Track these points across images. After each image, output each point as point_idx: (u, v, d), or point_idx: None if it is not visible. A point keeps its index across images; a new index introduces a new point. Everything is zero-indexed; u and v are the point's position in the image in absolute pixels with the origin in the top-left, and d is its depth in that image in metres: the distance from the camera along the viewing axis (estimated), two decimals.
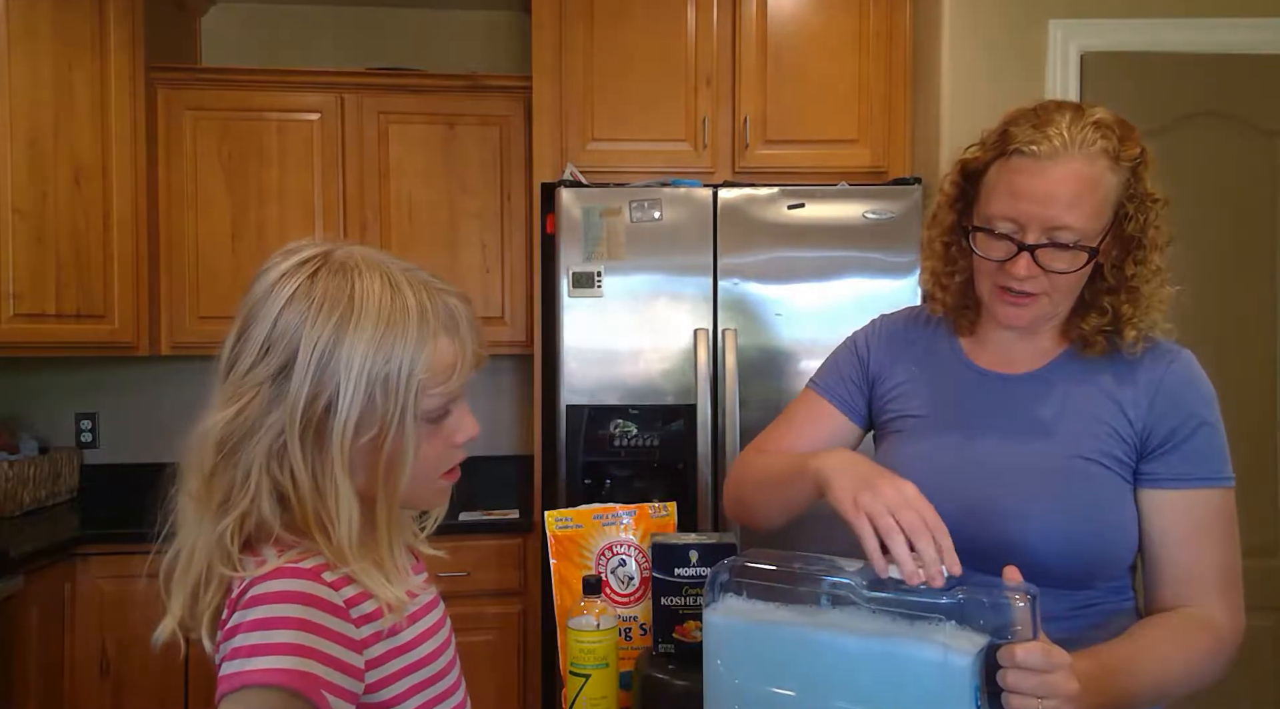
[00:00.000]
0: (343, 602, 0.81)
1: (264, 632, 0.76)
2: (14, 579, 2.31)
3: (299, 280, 0.84)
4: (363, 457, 0.84)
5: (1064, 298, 1.14)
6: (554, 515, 1.42)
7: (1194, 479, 1.12)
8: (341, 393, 0.81)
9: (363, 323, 0.82)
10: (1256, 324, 2.66)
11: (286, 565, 0.80)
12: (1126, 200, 1.10)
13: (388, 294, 0.83)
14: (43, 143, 2.66)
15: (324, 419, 0.82)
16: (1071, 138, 1.06)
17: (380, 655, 0.84)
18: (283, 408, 0.82)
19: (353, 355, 0.81)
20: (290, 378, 0.82)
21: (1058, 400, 1.17)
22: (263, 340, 0.83)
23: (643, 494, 2.56)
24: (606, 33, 2.85)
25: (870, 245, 2.60)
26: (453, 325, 0.86)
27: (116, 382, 3.22)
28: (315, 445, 0.82)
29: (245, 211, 3.00)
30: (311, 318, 0.82)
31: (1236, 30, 2.64)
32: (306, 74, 3.03)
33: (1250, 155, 2.66)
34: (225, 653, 0.77)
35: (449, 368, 0.86)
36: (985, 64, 2.63)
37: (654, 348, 2.59)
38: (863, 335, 1.36)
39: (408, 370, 0.82)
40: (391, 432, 0.83)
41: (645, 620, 1.40)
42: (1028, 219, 1.07)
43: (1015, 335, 1.21)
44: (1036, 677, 0.88)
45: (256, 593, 0.78)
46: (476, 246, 3.08)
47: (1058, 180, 1.06)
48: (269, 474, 0.83)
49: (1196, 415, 1.13)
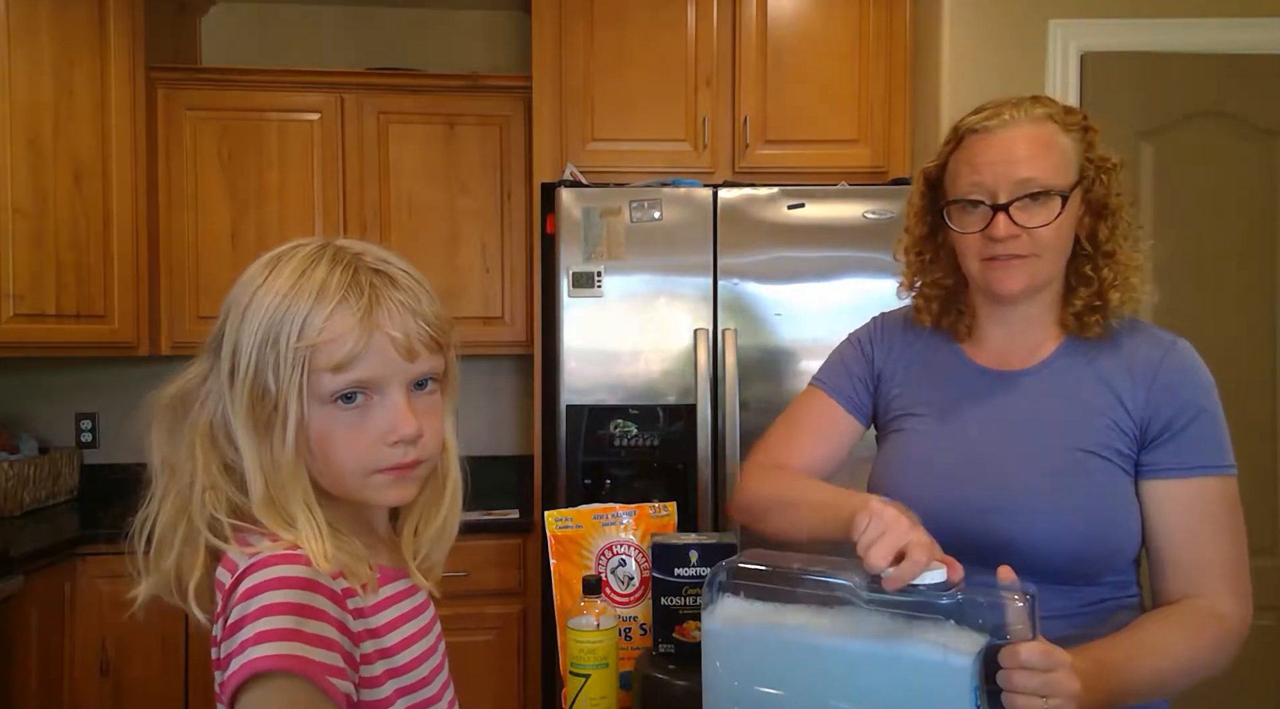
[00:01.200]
0: (340, 591, 0.81)
1: (264, 619, 0.75)
2: (14, 579, 2.31)
3: (268, 257, 0.86)
4: (280, 436, 0.83)
5: (1051, 256, 1.14)
6: (554, 515, 1.42)
7: (1194, 468, 1.12)
8: (240, 351, 0.83)
9: (270, 286, 0.83)
10: (1256, 324, 2.66)
11: (279, 554, 0.79)
12: (1086, 162, 1.14)
13: (310, 266, 0.83)
14: (43, 143, 2.66)
15: (234, 387, 0.83)
16: (1017, 111, 1.13)
17: (369, 654, 0.83)
18: (217, 377, 0.85)
19: (255, 315, 0.82)
20: (215, 349, 0.85)
21: (1056, 394, 1.17)
22: (220, 310, 0.86)
23: (643, 494, 2.56)
24: (606, 33, 2.85)
25: (870, 245, 2.59)
26: (363, 305, 0.82)
27: (116, 382, 3.22)
28: (233, 411, 0.83)
29: (245, 211, 3.00)
30: (238, 288, 0.85)
31: (1236, 30, 2.64)
32: (306, 74, 3.03)
33: (1250, 155, 2.66)
34: (233, 647, 0.76)
35: (342, 345, 0.81)
36: (985, 64, 2.63)
37: (654, 348, 2.59)
38: (866, 333, 1.37)
39: (294, 337, 0.81)
40: (285, 403, 0.81)
41: (645, 620, 1.40)
42: (994, 180, 1.12)
43: (1011, 329, 1.22)
44: (1039, 676, 0.88)
45: (253, 583, 0.77)
46: (476, 246, 3.08)
47: (1011, 140, 1.12)
48: (216, 443, 0.84)
49: (1194, 403, 1.13)
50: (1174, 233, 2.58)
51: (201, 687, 2.68)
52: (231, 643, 0.76)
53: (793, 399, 1.41)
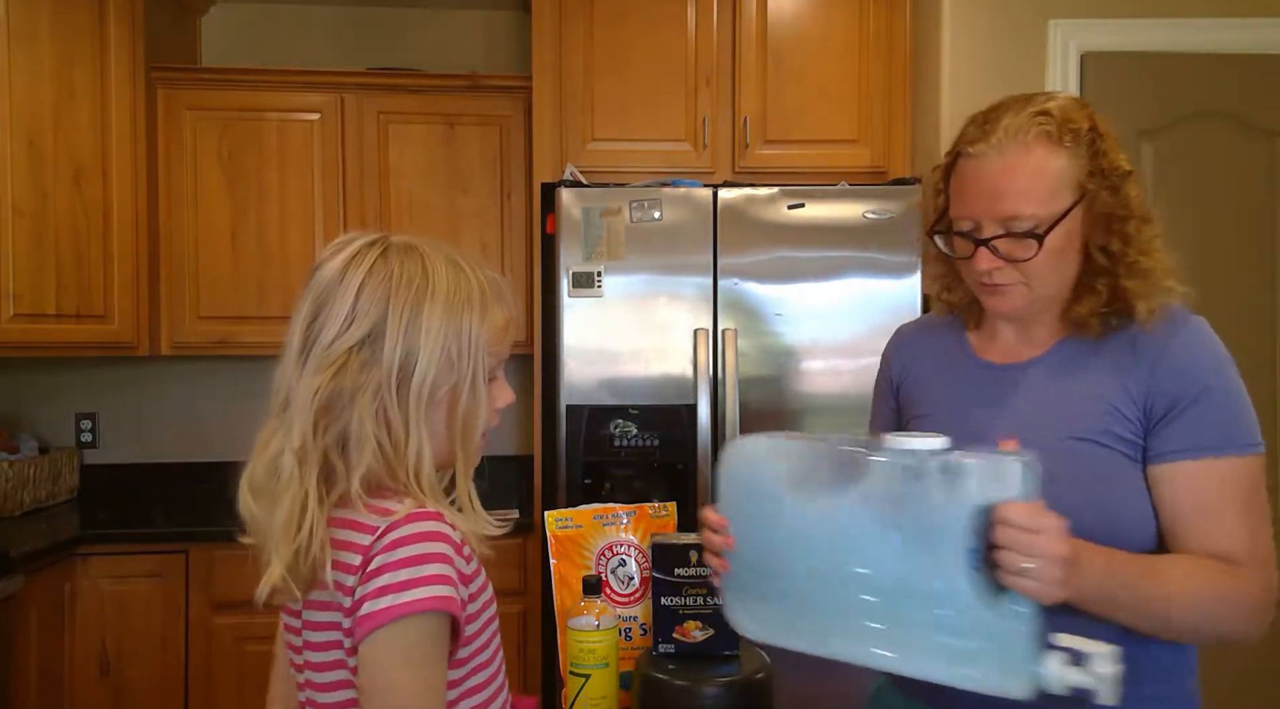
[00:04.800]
0: (459, 539, 0.95)
1: (414, 567, 0.89)
2: (14, 579, 2.31)
3: (371, 259, 0.97)
4: (440, 415, 0.98)
5: (1043, 283, 1.13)
6: (554, 515, 1.42)
7: (1203, 449, 1.07)
8: (422, 353, 0.95)
9: (437, 294, 0.97)
10: (1256, 324, 2.66)
11: (419, 511, 0.92)
12: (1087, 179, 1.10)
13: (453, 271, 0.99)
14: (43, 143, 2.66)
15: (409, 376, 0.95)
16: (1008, 133, 1.10)
17: (475, 591, 0.98)
18: (379, 368, 0.94)
19: (431, 321, 0.96)
20: (377, 342, 0.95)
21: (1054, 384, 1.16)
22: (346, 313, 0.95)
23: (642, 494, 2.56)
24: (606, 32, 2.85)
25: (870, 245, 2.59)
26: (501, 295, 1.03)
27: (116, 381, 3.22)
28: (403, 399, 0.95)
29: (245, 211, 3.00)
30: (395, 290, 0.95)
31: (1236, 30, 2.64)
32: (306, 74, 3.03)
33: (1250, 155, 2.66)
34: (369, 591, 0.89)
35: (503, 330, 1.03)
36: (985, 64, 2.63)
37: (654, 348, 2.59)
38: (886, 351, 1.40)
39: (475, 333, 0.98)
40: (465, 389, 0.98)
41: (645, 620, 1.40)
42: (980, 215, 1.11)
43: (1014, 326, 1.22)
44: (1025, 535, 0.89)
45: (399, 536, 0.90)
46: (476, 246, 3.07)
47: (998, 174, 1.09)
48: (373, 430, 0.94)
49: (1200, 381, 1.09)
50: (1174, 233, 2.58)
51: (201, 687, 2.68)
52: (369, 585, 0.89)
53: (792, 399, 1.43)
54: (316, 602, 0.96)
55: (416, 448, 0.95)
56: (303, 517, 0.92)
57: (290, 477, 0.92)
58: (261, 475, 0.96)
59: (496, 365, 1.03)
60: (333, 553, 0.92)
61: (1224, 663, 1.59)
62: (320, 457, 0.94)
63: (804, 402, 2.58)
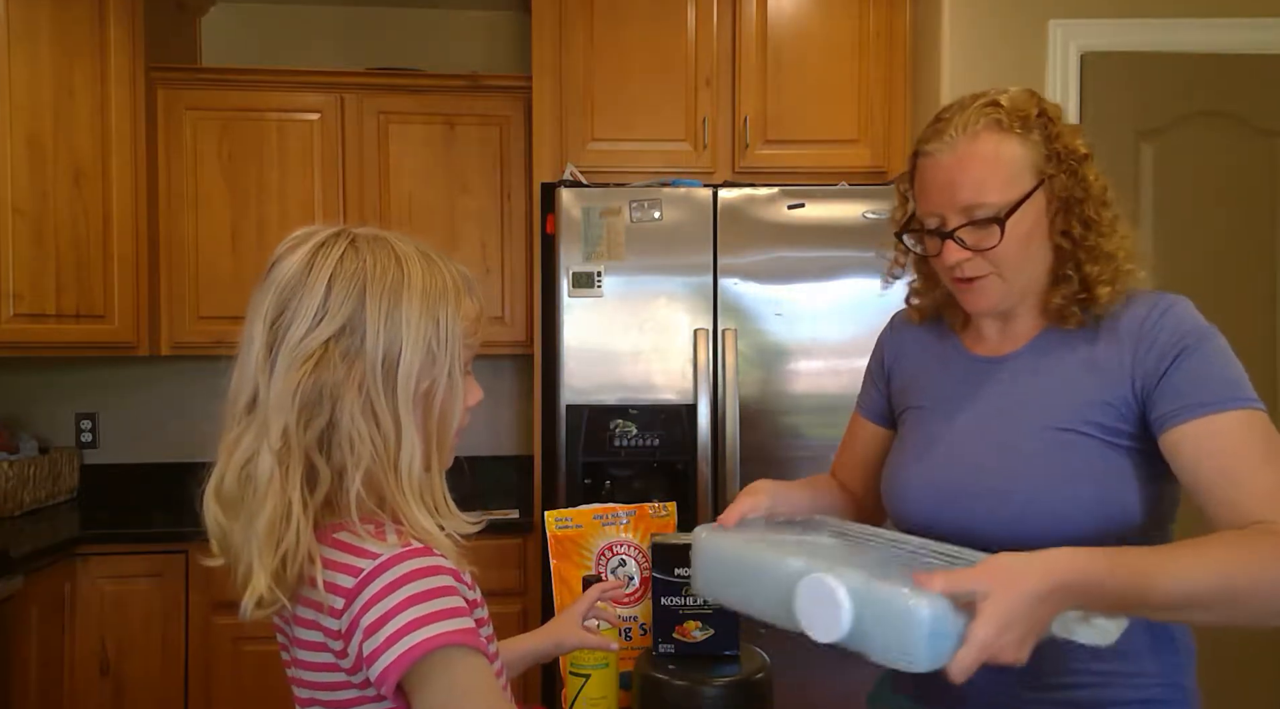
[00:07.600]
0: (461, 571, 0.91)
1: (422, 605, 0.83)
2: (14, 579, 2.31)
3: (339, 251, 0.93)
4: (419, 412, 0.93)
5: (1015, 273, 1.13)
6: (554, 515, 1.42)
7: (1201, 406, 1.04)
8: (406, 345, 0.91)
9: (414, 285, 0.93)
10: (1256, 324, 2.66)
11: (412, 547, 0.87)
12: (1045, 163, 1.11)
13: (426, 262, 0.95)
14: (43, 143, 2.66)
15: (394, 369, 0.91)
16: (959, 128, 1.11)
17: (481, 617, 0.93)
18: (363, 360, 0.90)
19: (410, 313, 0.91)
20: (353, 335, 0.90)
21: (1035, 376, 1.16)
22: (316, 307, 0.90)
23: (643, 494, 2.56)
24: (606, 33, 2.85)
25: (870, 245, 2.59)
26: (471, 288, 0.99)
27: (116, 381, 3.22)
28: (390, 393, 0.91)
29: (245, 211, 3.00)
30: (370, 281, 0.91)
31: (1236, 30, 2.64)
32: (306, 74, 3.03)
33: (1250, 155, 2.66)
34: (369, 623, 0.83)
35: (475, 323, 0.99)
36: (985, 64, 2.63)
37: (654, 348, 2.59)
38: (882, 335, 1.41)
39: (452, 325, 0.94)
40: (443, 383, 0.94)
41: (645, 620, 1.40)
42: (942, 208, 1.13)
43: (996, 321, 1.22)
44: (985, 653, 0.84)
45: (397, 575, 0.84)
46: (476, 246, 3.08)
47: (953, 167, 1.11)
48: (366, 427, 0.90)
49: (1179, 344, 1.08)
50: (1174, 233, 2.58)
51: (201, 687, 2.68)
52: (365, 620, 0.83)
53: (792, 398, 1.44)
54: (303, 619, 0.90)
55: (410, 446, 0.90)
56: (288, 520, 0.86)
57: (269, 479, 0.87)
58: (232, 484, 0.90)
59: (469, 360, 0.98)
60: (322, 571, 0.86)
61: (1224, 663, 1.59)
62: (302, 456, 0.88)
63: (804, 401, 2.58)
